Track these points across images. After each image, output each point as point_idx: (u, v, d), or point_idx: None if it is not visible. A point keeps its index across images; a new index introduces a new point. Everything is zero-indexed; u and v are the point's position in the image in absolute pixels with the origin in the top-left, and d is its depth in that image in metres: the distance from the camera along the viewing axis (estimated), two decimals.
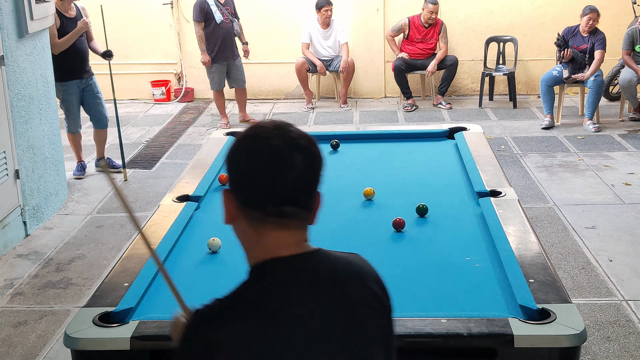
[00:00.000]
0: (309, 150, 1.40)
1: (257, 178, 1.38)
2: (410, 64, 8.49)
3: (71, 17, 6.04)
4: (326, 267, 1.46)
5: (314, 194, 1.44)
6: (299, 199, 1.41)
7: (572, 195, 5.56)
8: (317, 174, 1.43)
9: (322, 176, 1.44)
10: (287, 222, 1.42)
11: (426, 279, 2.59)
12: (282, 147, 1.37)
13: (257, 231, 1.44)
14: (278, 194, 1.39)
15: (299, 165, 1.38)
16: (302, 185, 1.40)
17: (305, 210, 1.44)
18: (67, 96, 6.12)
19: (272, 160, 1.37)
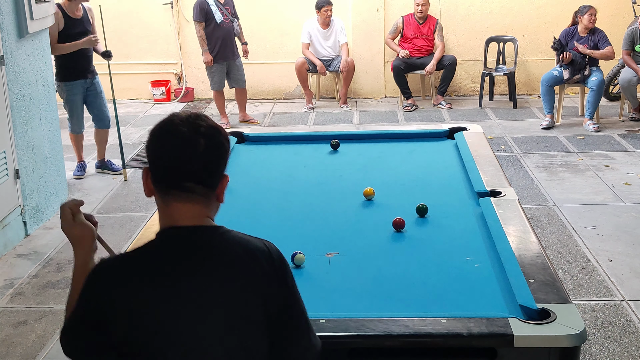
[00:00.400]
0: (212, 137, 1.67)
1: (164, 157, 1.65)
2: (409, 64, 8.49)
3: (77, 18, 6.02)
4: (221, 242, 1.69)
5: (216, 174, 1.71)
6: (200, 177, 1.66)
7: (572, 195, 5.56)
8: (220, 158, 1.70)
9: (226, 161, 1.73)
10: (188, 196, 1.66)
11: (426, 279, 2.59)
12: (188, 132, 1.63)
13: (164, 202, 1.69)
14: (181, 171, 1.64)
15: (201, 149, 1.64)
16: (204, 165, 1.66)
17: (206, 188, 1.69)
18: (71, 96, 6.12)
19: (178, 142, 1.63)
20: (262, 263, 1.68)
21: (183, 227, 1.67)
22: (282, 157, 4.20)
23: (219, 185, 1.74)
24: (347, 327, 2.21)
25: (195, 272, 1.62)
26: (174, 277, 1.61)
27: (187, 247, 1.65)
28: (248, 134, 4.52)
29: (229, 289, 1.62)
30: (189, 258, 1.64)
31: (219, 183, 1.73)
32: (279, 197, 3.54)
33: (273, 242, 2.93)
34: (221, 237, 1.70)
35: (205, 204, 1.71)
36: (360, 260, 2.78)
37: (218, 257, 1.65)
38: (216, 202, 1.76)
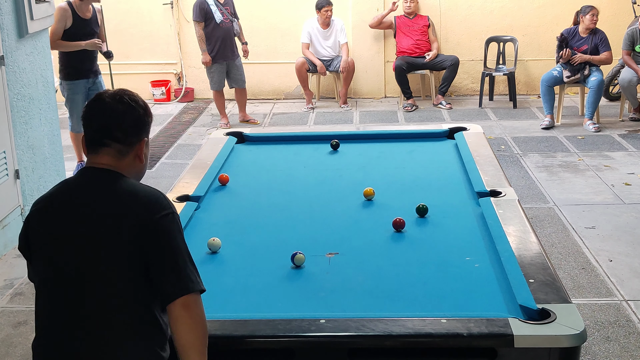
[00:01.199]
0: (129, 105, 2.06)
1: (89, 119, 2.08)
2: (410, 63, 8.50)
3: (86, 18, 6.02)
4: (115, 185, 2.03)
5: (131, 135, 2.07)
6: (116, 135, 2.05)
7: (572, 195, 5.56)
8: (135, 121, 2.06)
9: (142, 127, 2.09)
10: (103, 149, 2.06)
11: (426, 279, 2.60)
12: (111, 101, 2.06)
13: (88, 155, 2.10)
14: (101, 130, 2.06)
15: (118, 113, 2.05)
16: (118, 125, 2.05)
17: (121, 145, 2.05)
18: (73, 95, 6.12)
19: (101, 107, 2.07)
20: (140, 210, 1.97)
21: (95, 168, 2.06)
22: (282, 157, 4.21)
23: (137, 147, 2.08)
24: (347, 327, 2.21)
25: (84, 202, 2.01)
26: (65, 209, 2.01)
27: (88, 182, 2.05)
28: (248, 134, 4.52)
29: (104, 226, 1.96)
30: (86, 192, 2.03)
31: (135, 144, 2.08)
32: (279, 197, 3.54)
33: (273, 242, 2.96)
34: (116, 180, 2.03)
35: (116, 158, 2.06)
36: (360, 260, 2.78)
37: (106, 197, 2.00)
38: (137, 163, 2.10)
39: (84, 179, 2.07)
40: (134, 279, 1.96)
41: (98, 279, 1.95)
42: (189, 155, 6.87)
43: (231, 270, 2.73)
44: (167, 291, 1.95)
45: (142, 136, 2.09)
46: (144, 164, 2.13)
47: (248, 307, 2.43)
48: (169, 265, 1.96)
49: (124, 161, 2.07)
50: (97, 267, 1.95)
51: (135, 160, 2.09)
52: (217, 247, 2.85)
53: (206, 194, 3.51)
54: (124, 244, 1.95)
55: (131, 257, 1.95)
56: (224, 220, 3.25)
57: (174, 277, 1.95)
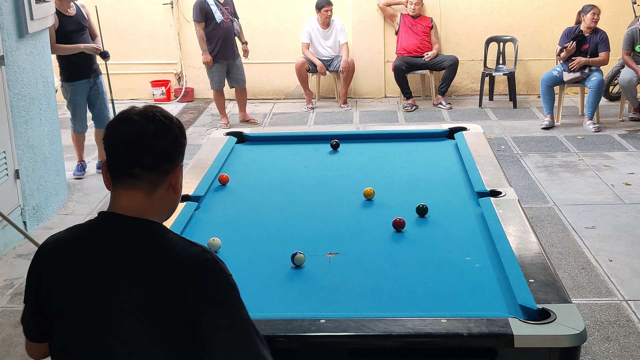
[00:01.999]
0: (162, 124, 1.67)
1: (115, 143, 1.67)
2: (410, 63, 8.50)
3: (70, 15, 6.03)
4: (153, 241, 1.64)
5: (166, 162, 1.68)
6: (148, 163, 1.65)
7: (572, 195, 5.56)
8: (170, 145, 1.68)
9: (178, 150, 1.70)
10: (133, 182, 1.66)
11: (426, 279, 2.59)
12: (140, 119, 1.66)
13: (113, 189, 1.70)
14: (129, 157, 1.65)
15: (150, 134, 1.65)
16: (151, 151, 1.65)
17: (154, 175, 1.66)
18: (74, 96, 6.13)
19: (128, 128, 1.66)
20: (191, 275, 1.60)
21: (120, 215, 1.67)
22: (282, 157, 4.20)
23: (172, 175, 1.70)
24: (347, 327, 2.21)
25: (113, 265, 1.62)
26: (92, 264, 1.64)
27: (115, 237, 1.65)
28: (248, 134, 4.52)
29: (144, 293, 1.58)
30: (112, 248, 1.64)
31: (170, 172, 1.70)
32: (279, 197, 3.54)
33: (273, 242, 2.96)
34: (154, 236, 1.66)
35: (149, 193, 1.68)
36: (360, 260, 2.78)
37: (143, 256, 1.62)
38: (170, 195, 1.72)
39: (109, 231, 1.67)
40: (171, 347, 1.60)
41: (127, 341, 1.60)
42: (189, 155, 6.84)
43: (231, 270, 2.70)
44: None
45: (177, 162, 1.71)
46: (178, 194, 1.75)
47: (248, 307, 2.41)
48: (235, 348, 1.59)
49: (156, 194, 1.68)
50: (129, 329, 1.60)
51: (169, 192, 1.70)
52: (217, 247, 2.85)
53: (206, 194, 3.51)
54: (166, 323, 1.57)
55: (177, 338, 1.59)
56: (224, 220, 3.25)
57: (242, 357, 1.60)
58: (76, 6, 6.12)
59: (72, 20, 6.03)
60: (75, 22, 6.05)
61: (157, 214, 1.71)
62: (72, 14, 6.06)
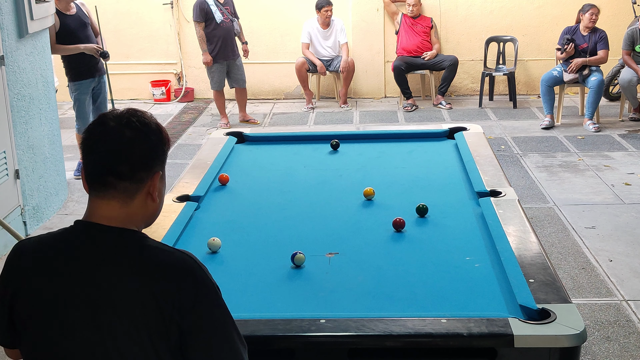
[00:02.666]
0: (139, 130, 1.58)
1: (89, 149, 1.60)
2: (409, 63, 8.50)
3: (71, 14, 6.03)
4: (133, 249, 1.58)
5: (142, 170, 1.60)
6: (122, 171, 1.57)
7: (572, 195, 5.56)
8: (146, 152, 1.60)
9: (156, 156, 1.62)
10: (107, 191, 1.59)
11: (426, 279, 2.59)
12: (115, 125, 1.58)
13: (89, 197, 1.63)
14: (103, 164, 1.58)
15: (125, 140, 1.57)
16: (126, 158, 1.57)
17: (129, 183, 1.59)
18: (80, 96, 6.13)
19: (103, 134, 1.59)
20: (170, 282, 1.55)
21: (95, 224, 1.59)
22: (282, 157, 4.20)
23: (149, 183, 1.62)
24: (347, 327, 2.21)
25: (92, 275, 1.56)
26: (69, 274, 1.57)
27: (93, 247, 1.58)
28: (248, 134, 4.52)
29: (127, 302, 1.54)
30: (92, 258, 1.57)
31: (147, 180, 1.61)
32: (279, 197, 3.54)
33: (273, 242, 2.96)
34: (134, 245, 1.59)
35: (124, 203, 1.60)
36: (360, 260, 2.78)
37: (124, 266, 1.56)
38: (149, 203, 1.64)
39: (87, 242, 1.59)
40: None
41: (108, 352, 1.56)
42: (189, 155, 6.86)
43: (231, 270, 2.73)
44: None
45: (154, 169, 1.62)
46: (157, 204, 1.66)
47: (248, 307, 2.43)
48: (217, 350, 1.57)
49: (133, 204, 1.61)
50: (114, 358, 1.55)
51: (147, 201, 1.62)
52: (217, 247, 2.85)
53: (206, 194, 3.51)
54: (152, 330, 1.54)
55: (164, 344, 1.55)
56: (224, 220, 3.25)
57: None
58: (76, 5, 6.13)
59: (73, 18, 6.04)
60: (77, 19, 6.06)
61: (134, 223, 1.63)
62: (73, 13, 6.06)
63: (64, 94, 7.10)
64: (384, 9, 8.87)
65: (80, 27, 6.05)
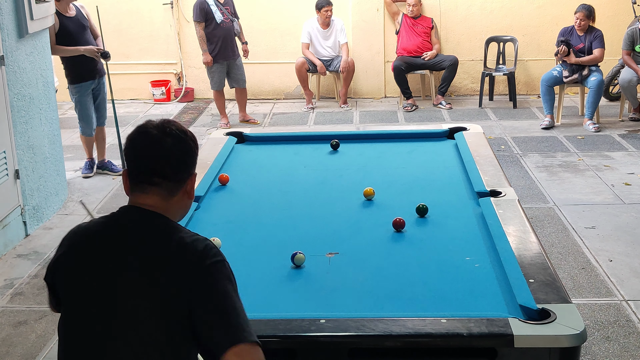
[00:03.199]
0: (179, 138, 1.86)
1: (137, 155, 1.86)
2: (409, 63, 8.50)
3: (71, 16, 6.03)
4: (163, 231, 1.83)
5: (182, 171, 1.89)
6: (167, 172, 1.85)
7: (572, 195, 5.56)
8: (185, 156, 1.89)
9: (192, 160, 1.92)
10: (152, 188, 1.85)
11: (426, 279, 2.60)
12: (158, 133, 1.84)
13: (131, 194, 1.89)
14: (150, 167, 1.84)
15: (168, 147, 1.84)
16: (170, 162, 1.85)
17: (172, 183, 1.86)
18: (81, 98, 6.12)
19: (148, 142, 1.85)
20: (188, 257, 1.77)
21: (139, 207, 1.85)
22: (282, 157, 4.21)
23: (188, 182, 1.91)
24: (347, 327, 2.21)
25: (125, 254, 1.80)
26: (108, 251, 1.81)
27: (132, 227, 1.84)
28: (248, 134, 4.52)
29: (147, 273, 1.76)
30: (129, 236, 1.82)
31: (186, 180, 1.90)
32: (279, 197, 3.54)
33: (273, 242, 2.96)
34: (165, 226, 1.84)
35: (165, 198, 1.86)
36: (360, 260, 2.78)
37: (153, 243, 1.80)
38: (185, 200, 1.92)
39: (129, 220, 1.85)
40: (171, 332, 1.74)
41: (132, 325, 1.74)
42: None
43: None
44: (217, 341, 1.70)
45: (192, 171, 1.92)
46: (192, 199, 1.97)
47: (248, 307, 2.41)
48: (219, 314, 1.73)
49: (173, 199, 1.88)
50: (134, 313, 1.74)
51: (184, 197, 1.91)
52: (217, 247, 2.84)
53: (206, 193, 3.51)
54: (167, 292, 1.74)
55: (173, 307, 1.73)
56: (224, 220, 3.25)
57: (224, 326, 1.72)
58: (76, 7, 6.12)
59: (72, 20, 6.03)
60: (76, 22, 6.05)
61: (172, 215, 1.88)
62: (72, 15, 6.05)
63: (64, 94, 7.10)
64: (385, 9, 8.87)
65: (79, 30, 6.04)
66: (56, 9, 5.85)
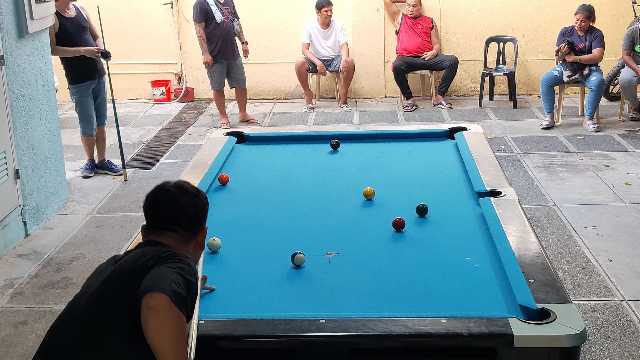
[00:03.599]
0: (195, 196, 2.20)
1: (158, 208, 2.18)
2: (409, 63, 8.50)
3: (70, 17, 6.02)
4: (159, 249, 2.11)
5: (197, 224, 2.19)
6: (184, 223, 2.16)
7: (572, 195, 5.56)
8: (200, 211, 2.20)
9: (205, 216, 2.22)
10: (169, 234, 2.16)
11: (426, 279, 2.60)
12: (177, 191, 2.18)
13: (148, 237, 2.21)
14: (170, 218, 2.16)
15: (185, 202, 2.16)
16: (187, 215, 2.16)
17: (187, 232, 2.16)
18: (81, 98, 6.12)
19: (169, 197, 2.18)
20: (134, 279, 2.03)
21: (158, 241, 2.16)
22: (282, 157, 4.21)
23: (199, 235, 2.20)
24: (347, 327, 2.21)
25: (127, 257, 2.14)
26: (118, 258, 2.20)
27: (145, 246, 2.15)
28: (248, 134, 4.52)
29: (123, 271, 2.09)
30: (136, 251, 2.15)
31: (199, 232, 2.20)
32: (279, 197, 3.54)
33: (273, 242, 2.97)
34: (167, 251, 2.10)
35: (180, 243, 2.16)
36: (360, 260, 2.78)
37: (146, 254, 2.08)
38: (197, 250, 2.20)
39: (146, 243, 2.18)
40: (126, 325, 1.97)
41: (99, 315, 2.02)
42: (189, 155, 6.87)
43: (231, 270, 2.73)
44: (137, 294, 1.94)
45: (204, 225, 2.21)
46: (202, 250, 2.26)
47: (248, 307, 2.43)
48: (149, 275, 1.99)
49: (185, 248, 2.16)
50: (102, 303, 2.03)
51: (195, 248, 2.20)
52: (217, 247, 2.85)
53: (206, 194, 3.50)
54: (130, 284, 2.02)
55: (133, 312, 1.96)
56: (224, 220, 3.25)
57: (147, 281, 1.96)
58: (76, 8, 6.11)
59: (72, 21, 6.02)
60: (76, 23, 6.04)
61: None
62: (72, 16, 6.04)
63: (64, 94, 7.10)
64: (385, 10, 8.87)
65: (78, 31, 6.03)
66: (56, 8, 5.85)
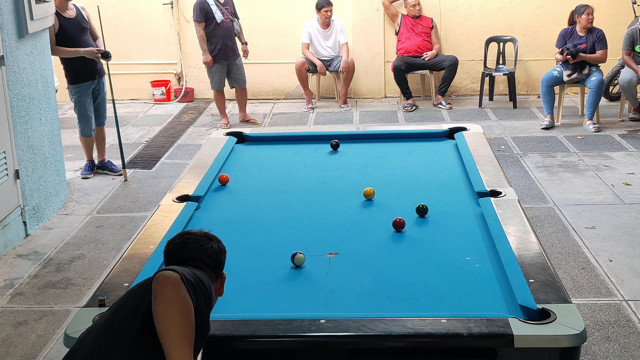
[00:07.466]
0: (218, 242, 2.29)
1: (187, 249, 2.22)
2: (409, 63, 8.50)
3: (70, 17, 6.02)
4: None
5: (219, 266, 2.26)
6: (209, 264, 2.22)
7: (572, 195, 5.56)
8: (221, 255, 2.27)
9: (224, 261, 2.28)
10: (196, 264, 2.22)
11: (426, 279, 2.60)
12: (204, 237, 2.27)
13: None
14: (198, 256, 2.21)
15: (210, 246, 2.24)
16: (212, 257, 2.23)
17: (211, 272, 2.21)
18: (80, 98, 6.11)
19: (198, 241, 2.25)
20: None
21: None
22: (282, 157, 4.21)
23: (220, 279, 2.24)
24: (347, 327, 2.21)
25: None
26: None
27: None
28: (248, 134, 4.52)
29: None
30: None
31: (219, 276, 2.24)
32: (279, 197, 3.54)
33: (273, 242, 2.97)
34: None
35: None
36: (360, 260, 2.78)
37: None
38: (215, 295, 2.20)
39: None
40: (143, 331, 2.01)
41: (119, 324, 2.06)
42: (189, 155, 6.86)
43: (231, 271, 2.72)
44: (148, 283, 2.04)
45: (222, 269, 2.28)
46: (220, 295, 2.30)
47: (248, 307, 2.43)
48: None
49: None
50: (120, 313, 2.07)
51: (214, 294, 2.20)
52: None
53: (206, 194, 3.51)
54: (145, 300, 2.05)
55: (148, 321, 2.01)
56: (224, 220, 3.25)
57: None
58: (76, 8, 6.11)
59: (72, 22, 6.02)
60: (76, 24, 6.04)
61: None
62: (72, 17, 6.04)
63: (63, 94, 7.10)
64: (384, 12, 8.87)
65: (78, 32, 6.03)
66: (56, 8, 5.85)
